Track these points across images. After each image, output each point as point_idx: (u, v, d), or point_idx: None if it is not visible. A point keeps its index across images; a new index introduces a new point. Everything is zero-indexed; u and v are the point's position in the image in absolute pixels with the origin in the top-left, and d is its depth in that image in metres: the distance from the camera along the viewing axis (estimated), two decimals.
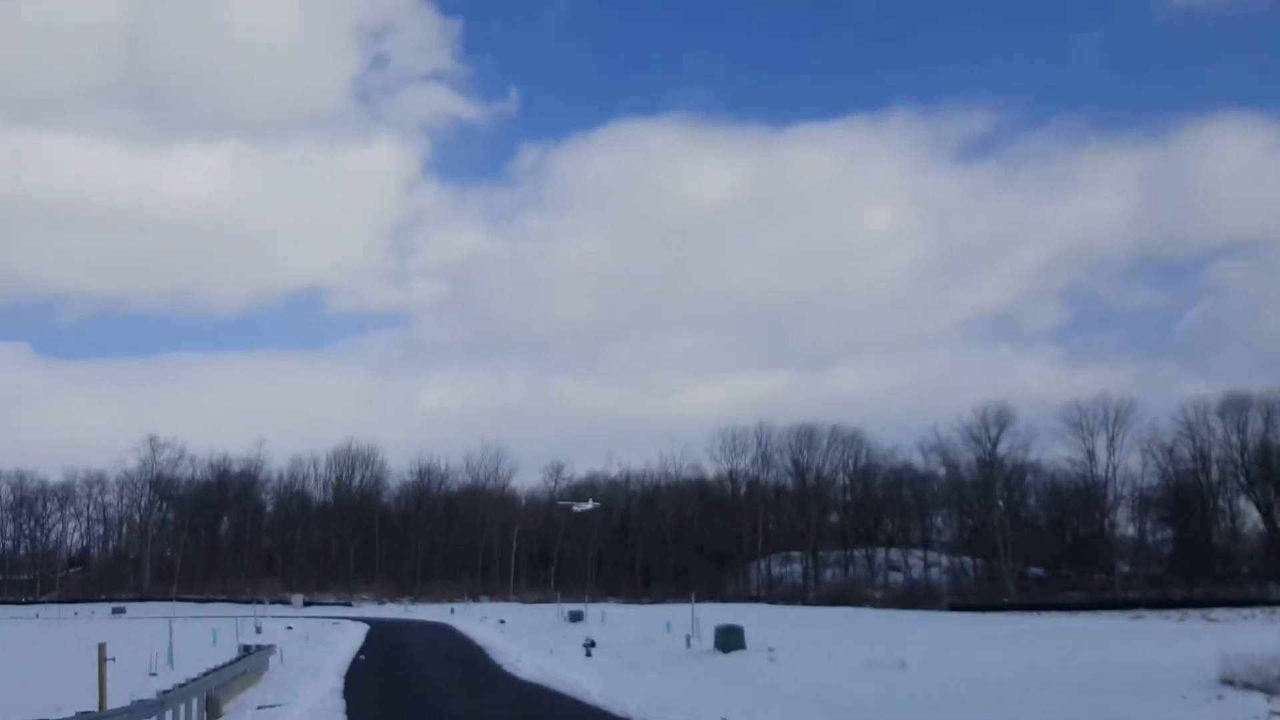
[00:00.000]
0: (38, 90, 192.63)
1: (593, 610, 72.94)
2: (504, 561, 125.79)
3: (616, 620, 66.44)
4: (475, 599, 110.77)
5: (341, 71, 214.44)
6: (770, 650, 37.48)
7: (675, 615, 55.21)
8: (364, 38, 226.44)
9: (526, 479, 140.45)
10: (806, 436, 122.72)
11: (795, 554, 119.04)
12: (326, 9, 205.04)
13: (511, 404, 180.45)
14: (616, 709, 24.47)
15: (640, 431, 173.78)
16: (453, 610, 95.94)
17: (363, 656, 44.20)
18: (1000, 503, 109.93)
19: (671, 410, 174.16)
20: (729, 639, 39.11)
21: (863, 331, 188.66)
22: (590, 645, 44.88)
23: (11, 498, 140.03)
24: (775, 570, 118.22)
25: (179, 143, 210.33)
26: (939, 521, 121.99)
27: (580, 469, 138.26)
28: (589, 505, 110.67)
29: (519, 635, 59.10)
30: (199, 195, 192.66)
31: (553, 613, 75.61)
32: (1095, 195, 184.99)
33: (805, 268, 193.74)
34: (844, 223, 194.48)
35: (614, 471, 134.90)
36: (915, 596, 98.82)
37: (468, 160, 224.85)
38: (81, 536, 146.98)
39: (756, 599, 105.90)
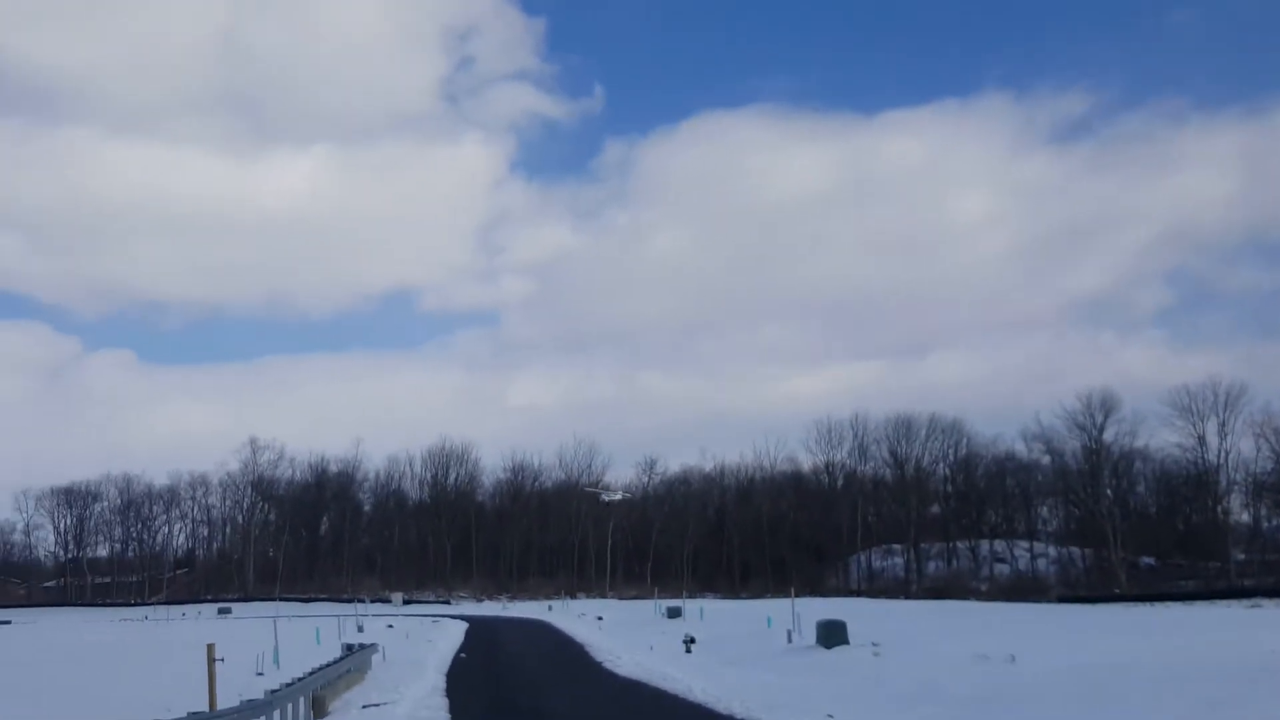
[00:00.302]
0: (137, 102, 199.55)
1: (690, 606, 72.89)
2: (599, 558, 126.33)
3: (715, 616, 66.29)
4: (572, 596, 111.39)
5: (429, 74, 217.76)
6: (874, 645, 37.05)
7: (774, 610, 54.89)
8: (450, 40, 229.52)
9: (619, 474, 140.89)
10: (904, 427, 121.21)
11: (896, 547, 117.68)
12: (413, 13, 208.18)
13: (602, 399, 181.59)
14: (720, 706, 24.38)
15: (733, 425, 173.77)
16: (550, 607, 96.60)
17: (463, 654, 44.71)
18: (1108, 491, 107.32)
19: (764, 402, 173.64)
20: (831, 634, 38.72)
21: (959, 318, 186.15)
22: (690, 641, 44.81)
23: (120, 501, 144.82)
24: (876, 564, 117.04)
25: (272, 149, 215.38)
26: (1044, 511, 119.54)
27: (673, 463, 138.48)
28: (618, 496, 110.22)
29: (617, 632, 59.29)
30: (292, 200, 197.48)
31: (650, 609, 75.74)
32: (1197, 175, 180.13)
33: (897, 255, 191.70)
34: (936, 209, 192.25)
35: (708, 466, 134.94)
36: (1022, 588, 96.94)
37: (554, 157, 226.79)
38: (187, 538, 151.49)
39: (857, 593, 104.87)
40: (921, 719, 22.58)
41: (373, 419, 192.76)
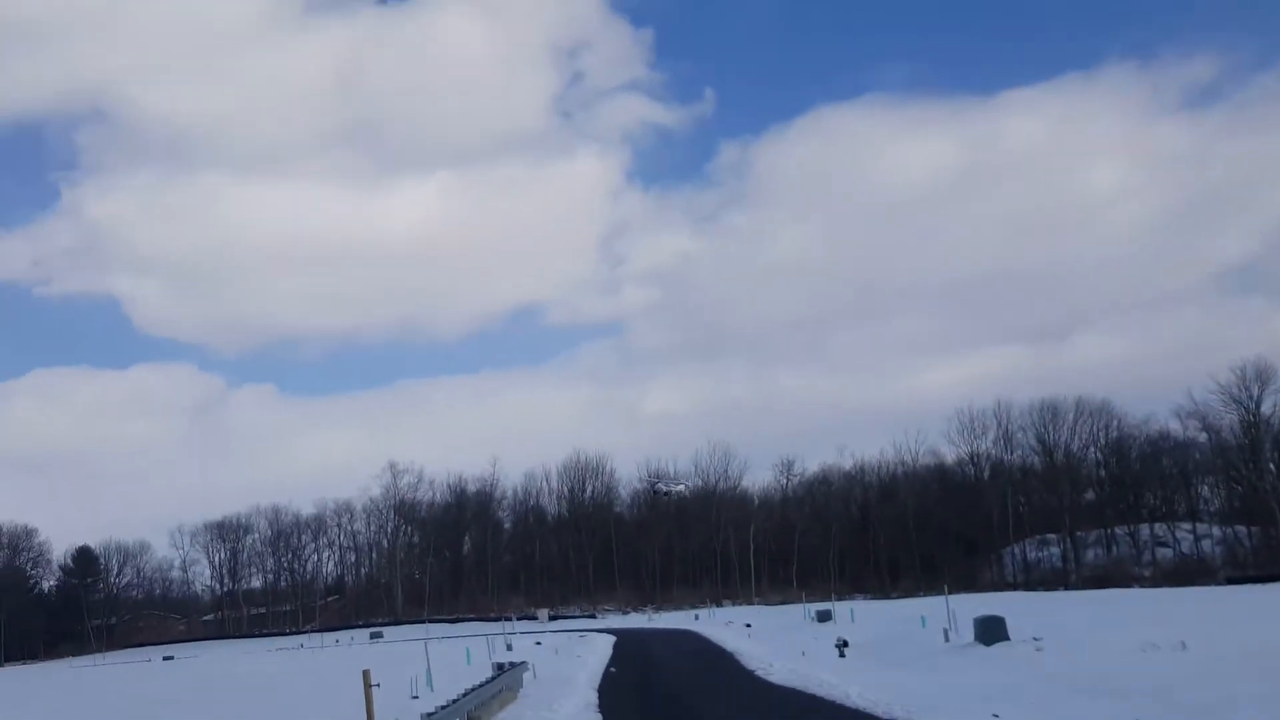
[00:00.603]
0: (264, 143, 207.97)
1: (840, 608, 72.00)
2: (743, 563, 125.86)
3: (866, 617, 65.36)
4: (718, 604, 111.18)
5: (541, 92, 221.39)
6: (1036, 639, 36.06)
7: (928, 609, 53.83)
8: (560, 57, 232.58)
9: (758, 478, 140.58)
10: (1050, 412, 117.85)
11: (1051, 536, 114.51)
12: (522, 34, 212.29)
13: (735, 403, 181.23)
14: (880, 710, 23.96)
15: (870, 420, 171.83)
16: (697, 616, 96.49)
17: (613, 668, 44.89)
18: (1271, 465, 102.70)
19: (901, 396, 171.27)
20: (990, 630, 37.78)
21: (1099, 296, 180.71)
22: (843, 645, 44.24)
23: (270, 532, 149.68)
24: (1030, 555, 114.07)
25: (395, 178, 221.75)
26: (1205, 490, 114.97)
27: (811, 463, 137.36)
28: (679, 487, 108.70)
29: (767, 638, 58.87)
30: (417, 226, 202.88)
31: (799, 613, 75.03)
32: None
33: (1029, 236, 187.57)
34: (1066, 186, 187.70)
35: (847, 464, 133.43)
36: (1188, 571, 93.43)
37: (669, 164, 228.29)
38: (336, 565, 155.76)
39: (1013, 586, 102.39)
40: (1101, 713, 21.81)
41: (507, 436, 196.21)
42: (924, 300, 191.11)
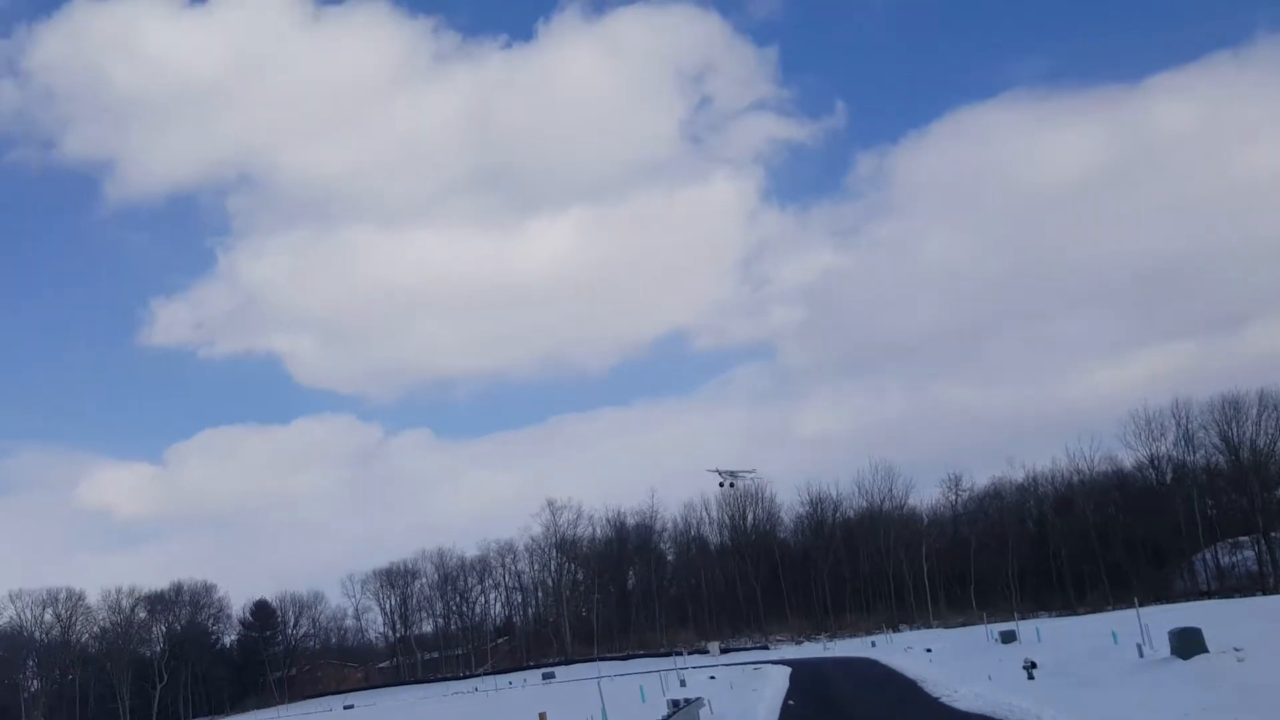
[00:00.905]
0: (404, 193, 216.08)
1: (1024, 627, 70.31)
2: (917, 586, 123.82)
3: (1052, 635, 63.69)
4: (894, 629, 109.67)
5: (669, 120, 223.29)
6: (1237, 650, 34.71)
7: (1118, 623, 52.26)
8: (685, 83, 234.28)
9: (925, 495, 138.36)
10: (1232, 408, 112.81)
11: (1244, 539, 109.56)
12: (646, 64, 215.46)
13: (894, 418, 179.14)
14: None
15: (1039, 428, 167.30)
16: (873, 643, 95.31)
17: (791, 701, 44.77)
18: None
19: (1070, 400, 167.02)
20: (1187, 642, 36.49)
21: (1272, 283, 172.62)
22: (1030, 666, 43.24)
23: (436, 576, 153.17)
24: (1224, 560, 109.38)
25: (533, 217, 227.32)
26: None
27: (980, 477, 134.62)
28: (751, 473, 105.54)
29: (949, 662, 57.86)
30: (557, 262, 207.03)
31: (980, 634, 73.52)
32: None
33: (1187, 224, 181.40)
34: (1223, 169, 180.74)
35: (1019, 475, 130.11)
36: None
37: (805, 180, 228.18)
38: (503, 606, 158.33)
39: (1206, 594, 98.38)
40: None
41: (663, 466, 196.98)
42: (1086, 298, 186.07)
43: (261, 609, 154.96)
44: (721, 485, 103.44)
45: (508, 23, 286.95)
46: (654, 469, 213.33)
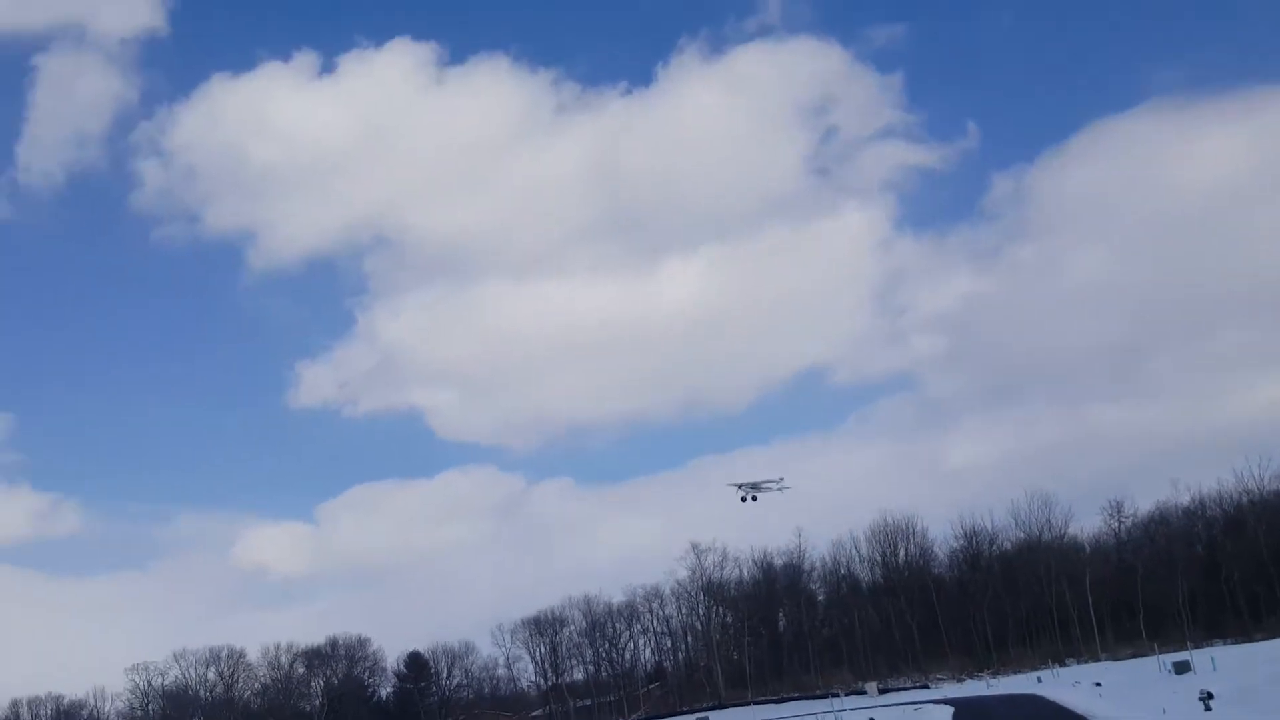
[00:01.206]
0: (534, 244, 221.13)
1: (1198, 657, 68.54)
2: (1082, 617, 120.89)
3: (1229, 665, 62.04)
4: (1060, 663, 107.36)
5: (793, 154, 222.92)
6: None
7: None
8: (808, 116, 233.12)
9: (1085, 524, 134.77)
10: None
11: None
12: (768, 99, 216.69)
13: (1048, 445, 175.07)
14: None
15: (1203, 448, 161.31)
16: (1039, 679, 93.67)
17: None
18: None
19: (1234, 417, 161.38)
20: None
21: None
22: (1207, 697, 42.46)
23: (584, 623, 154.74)
24: None
25: (663, 260, 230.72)
26: None
27: (1143, 502, 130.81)
28: (778, 481, 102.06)
29: (1120, 696, 56.85)
30: (688, 303, 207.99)
31: (1151, 666, 71.90)
32: None
33: None
34: None
35: (1184, 498, 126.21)
36: None
37: (939, 206, 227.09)
38: (653, 652, 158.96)
39: None
40: None
41: (809, 505, 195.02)
42: (1245, 310, 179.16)
43: (415, 660, 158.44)
44: (744, 500, 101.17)
45: (627, 69, 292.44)
46: (798, 508, 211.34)
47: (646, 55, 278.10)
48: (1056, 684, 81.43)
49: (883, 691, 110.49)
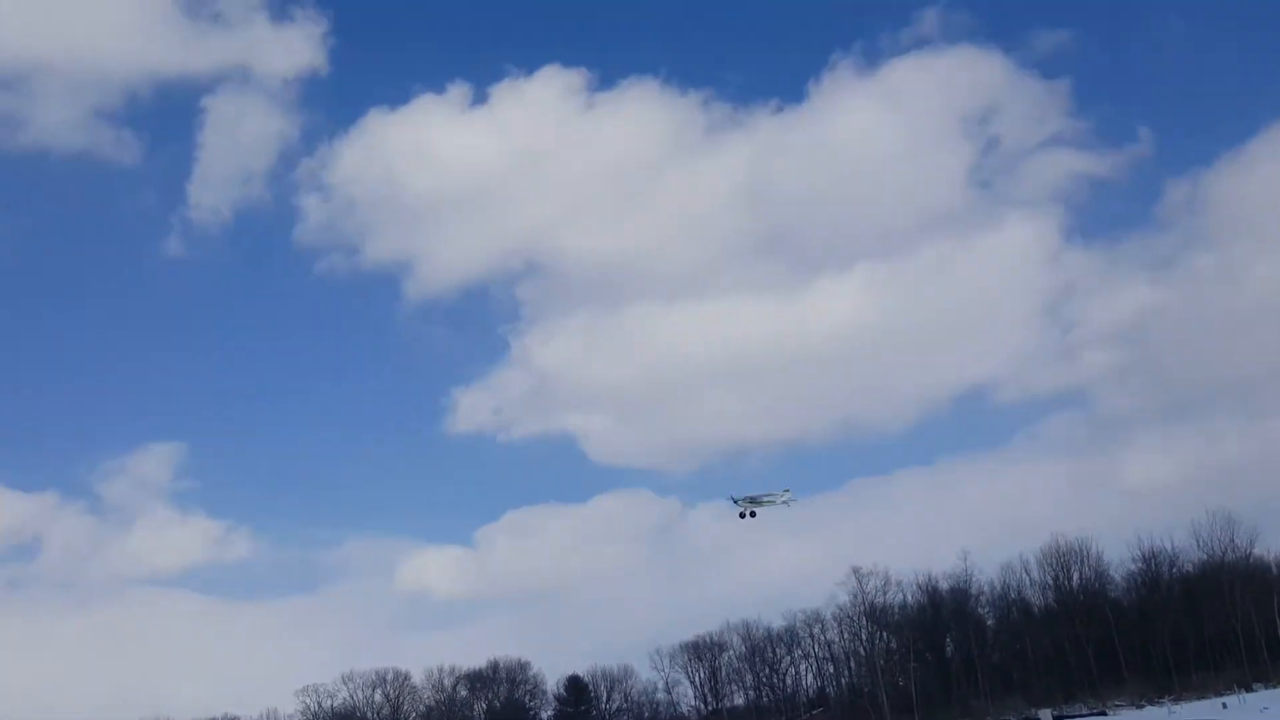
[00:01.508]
0: (685, 266, 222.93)
1: None
2: (1270, 641, 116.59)
3: None
4: (1247, 688, 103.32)
5: (955, 166, 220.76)
6: None
7: None
8: (969, 127, 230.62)
9: (1272, 543, 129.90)
10: None
11: None
12: (926, 112, 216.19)
13: (1231, 461, 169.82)
14: None
15: None
16: (1224, 704, 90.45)
17: None
18: None
19: None
20: None
21: None
22: None
23: (744, 649, 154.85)
24: None
25: (816, 278, 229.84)
26: None
27: None
28: (784, 494, 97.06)
29: None
30: (844, 322, 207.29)
31: None
32: None
33: None
34: None
35: None
36: None
37: (1109, 215, 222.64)
38: (815, 677, 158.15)
39: None
40: None
41: (974, 527, 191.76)
42: None
43: (574, 684, 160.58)
44: (743, 516, 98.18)
45: (778, 87, 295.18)
46: (964, 530, 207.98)
47: (798, 72, 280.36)
48: (1243, 710, 78.63)
49: (1057, 718, 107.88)
